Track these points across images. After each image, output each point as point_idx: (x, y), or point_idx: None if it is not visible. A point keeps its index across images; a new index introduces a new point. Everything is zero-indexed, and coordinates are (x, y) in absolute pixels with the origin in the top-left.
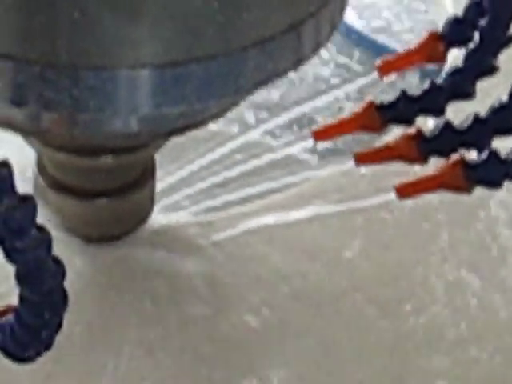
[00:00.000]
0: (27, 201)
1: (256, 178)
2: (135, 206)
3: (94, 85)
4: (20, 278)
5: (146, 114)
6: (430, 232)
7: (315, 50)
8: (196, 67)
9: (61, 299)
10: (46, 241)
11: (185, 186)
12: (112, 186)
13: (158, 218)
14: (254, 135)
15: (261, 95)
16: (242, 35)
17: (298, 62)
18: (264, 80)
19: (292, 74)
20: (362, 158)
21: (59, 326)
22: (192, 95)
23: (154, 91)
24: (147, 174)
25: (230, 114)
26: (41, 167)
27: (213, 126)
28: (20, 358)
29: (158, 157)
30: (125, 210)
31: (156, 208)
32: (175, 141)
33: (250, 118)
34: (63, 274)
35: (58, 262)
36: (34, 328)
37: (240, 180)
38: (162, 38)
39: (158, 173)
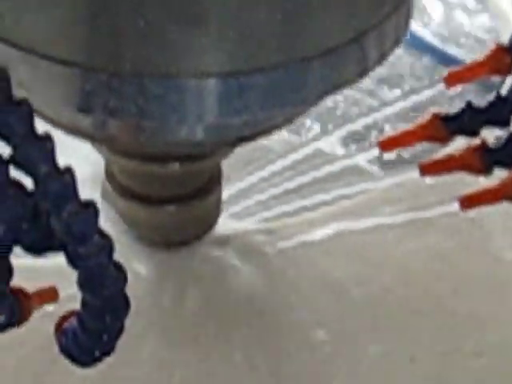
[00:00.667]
0: (90, 207)
1: (321, 187)
2: (202, 212)
3: (158, 93)
4: (82, 283)
5: (210, 122)
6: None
7: (379, 60)
8: (259, 77)
9: (122, 304)
10: (108, 247)
11: (254, 192)
12: (179, 193)
13: (225, 224)
14: (320, 144)
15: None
16: (306, 46)
17: (361, 73)
18: (327, 90)
19: None
20: (426, 169)
21: (121, 330)
22: (255, 105)
23: (218, 100)
24: (214, 181)
25: (297, 123)
26: (109, 173)
27: (279, 135)
28: (83, 362)
29: (226, 163)
30: (191, 217)
31: (224, 214)
32: (246, 147)
33: (316, 127)
34: (125, 280)
35: (119, 268)
36: (95, 332)
37: (301, 190)
38: (226, 47)
39: (227, 179)
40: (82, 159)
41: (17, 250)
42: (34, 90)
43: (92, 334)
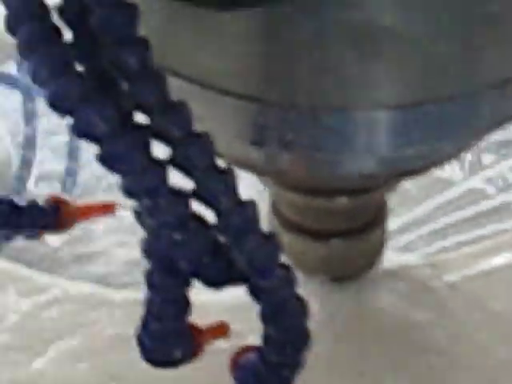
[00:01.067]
0: (272, 239)
1: (477, 222)
2: (367, 246)
3: (333, 126)
4: (265, 315)
5: (383, 155)
6: None
7: None
8: (434, 108)
9: (304, 337)
10: (291, 279)
11: (415, 228)
12: (346, 227)
13: (389, 258)
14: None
15: None
16: (482, 76)
17: None
18: (502, 121)
19: None
20: None
21: (301, 364)
22: (429, 136)
23: (392, 132)
24: (380, 214)
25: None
26: (275, 208)
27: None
28: None
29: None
30: (357, 251)
31: (387, 249)
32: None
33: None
34: (306, 312)
35: (301, 300)
36: (276, 366)
37: (462, 224)
38: (404, 80)
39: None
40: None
41: None
42: (207, 124)
43: (273, 367)
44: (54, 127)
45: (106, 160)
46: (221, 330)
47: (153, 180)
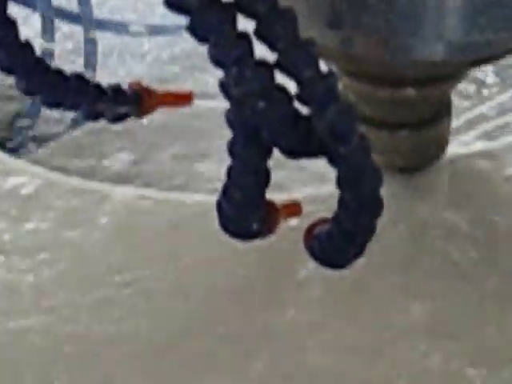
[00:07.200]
0: (351, 108)
1: None
2: (434, 138)
3: (405, 11)
4: (342, 182)
5: (452, 39)
6: None
7: None
8: None
9: (378, 204)
10: (367, 147)
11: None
12: (413, 119)
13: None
14: None
15: None
16: None
17: None
18: None
19: None
20: None
21: (373, 231)
22: (497, 23)
23: (460, 18)
24: (445, 107)
25: None
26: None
27: None
28: (336, 264)
29: None
30: (425, 142)
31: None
32: None
33: None
34: (381, 179)
35: (376, 168)
36: (351, 233)
37: None
38: None
39: None
40: None
41: None
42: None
43: (347, 234)
44: None
45: (195, 30)
46: (295, 209)
47: (240, 49)
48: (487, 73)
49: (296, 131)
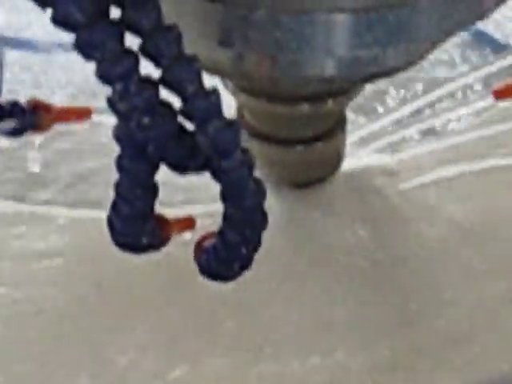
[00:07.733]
0: (234, 124)
1: None
2: (329, 153)
3: (292, 27)
4: (225, 195)
5: (339, 56)
6: None
7: (500, 2)
8: (388, 13)
9: (261, 218)
10: (249, 162)
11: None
12: (306, 135)
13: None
14: None
15: None
16: None
17: (481, 15)
18: (450, 30)
19: None
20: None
21: (258, 244)
22: (383, 39)
23: (347, 34)
24: (339, 124)
25: None
26: (239, 116)
27: None
28: (222, 276)
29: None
30: (317, 159)
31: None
32: None
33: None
34: (264, 194)
35: (259, 183)
36: (235, 245)
37: None
38: None
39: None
40: None
41: None
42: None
43: (232, 246)
44: None
45: (82, 47)
46: (188, 223)
47: (125, 66)
48: (387, 87)
49: (181, 146)
